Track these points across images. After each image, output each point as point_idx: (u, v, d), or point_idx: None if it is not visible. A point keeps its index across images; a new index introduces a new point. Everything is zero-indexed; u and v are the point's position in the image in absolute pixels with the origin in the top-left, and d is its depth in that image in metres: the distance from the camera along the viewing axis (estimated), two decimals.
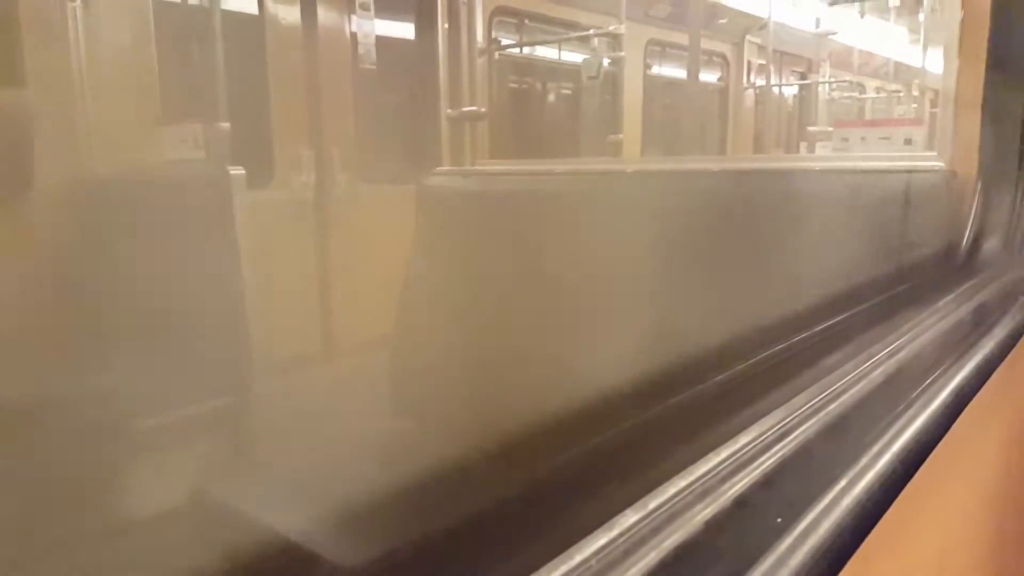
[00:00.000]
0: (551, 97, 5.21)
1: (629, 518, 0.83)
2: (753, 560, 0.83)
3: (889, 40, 6.90)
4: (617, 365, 1.07)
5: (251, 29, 3.29)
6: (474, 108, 2.48)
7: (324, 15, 3.51)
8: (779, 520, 0.89)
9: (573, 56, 4.95)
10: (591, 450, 0.94)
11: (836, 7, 5.66)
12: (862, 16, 6.03)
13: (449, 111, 2.54)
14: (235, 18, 3.14)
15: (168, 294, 1.48)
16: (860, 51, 6.97)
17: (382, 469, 0.93)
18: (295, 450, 1.21)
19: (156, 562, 0.82)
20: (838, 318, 1.39)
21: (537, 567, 0.74)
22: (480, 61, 3.77)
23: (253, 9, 3.32)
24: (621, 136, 4.47)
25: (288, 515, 0.88)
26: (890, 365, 1.23)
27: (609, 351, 1.09)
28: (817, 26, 5.75)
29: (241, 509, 0.90)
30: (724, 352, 1.19)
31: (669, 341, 1.14)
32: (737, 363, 1.19)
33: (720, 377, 1.15)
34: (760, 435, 1.03)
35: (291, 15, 3.43)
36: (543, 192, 1.60)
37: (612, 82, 4.65)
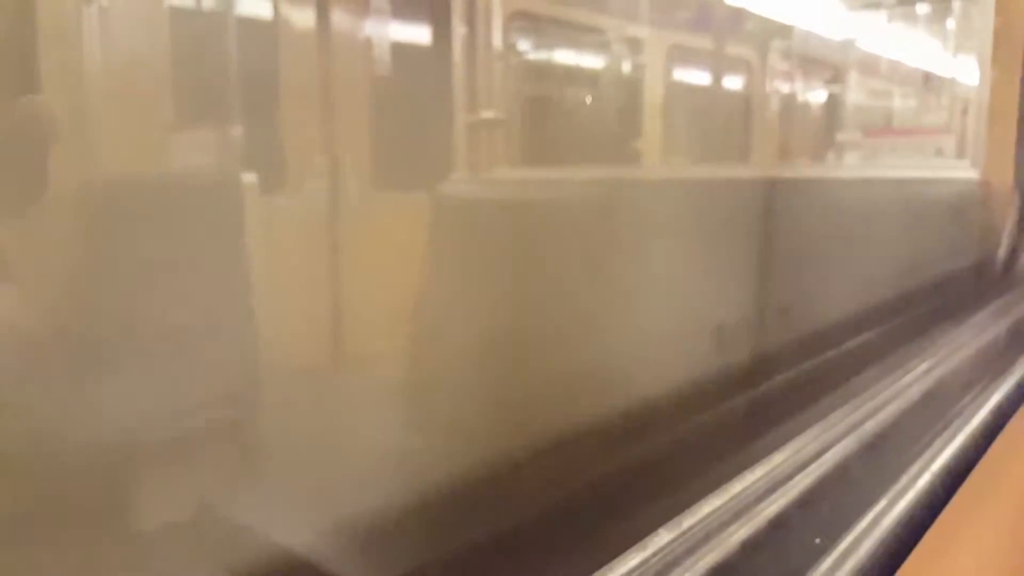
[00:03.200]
0: (570, 103, 5.19)
1: (663, 537, 0.81)
2: None
3: (917, 47, 6.83)
4: (645, 379, 1.04)
5: (265, 34, 3.29)
6: (492, 114, 2.46)
7: (338, 20, 3.51)
8: (818, 541, 0.87)
9: (593, 61, 4.92)
10: (621, 467, 0.91)
11: (863, 12, 5.61)
12: (889, 22, 5.98)
13: (466, 117, 2.51)
14: (249, 24, 3.15)
15: (183, 297, 1.47)
16: (888, 59, 6.91)
17: (410, 485, 0.90)
18: (320, 462, 1.19)
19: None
20: (871, 332, 1.36)
21: None
22: (498, 66, 3.77)
23: (268, 14, 3.32)
24: (641, 143, 4.44)
25: (316, 531, 0.86)
26: (926, 382, 1.20)
27: (635, 365, 1.06)
28: (842, 33, 5.71)
29: (289, 522, 0.88)
30: (755, 366, 1.16)
31: (697, 355, 1.11)
32: (769, 378, 1.16)
33: (752, 392, 1.13)
34: (795, 453, 1.00)
35: (305, 20, 3.43)
36: (562, 199, 1.58)
37: (633, 88, 4.62)
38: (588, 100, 4.99)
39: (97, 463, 0.95)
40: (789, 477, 0.96)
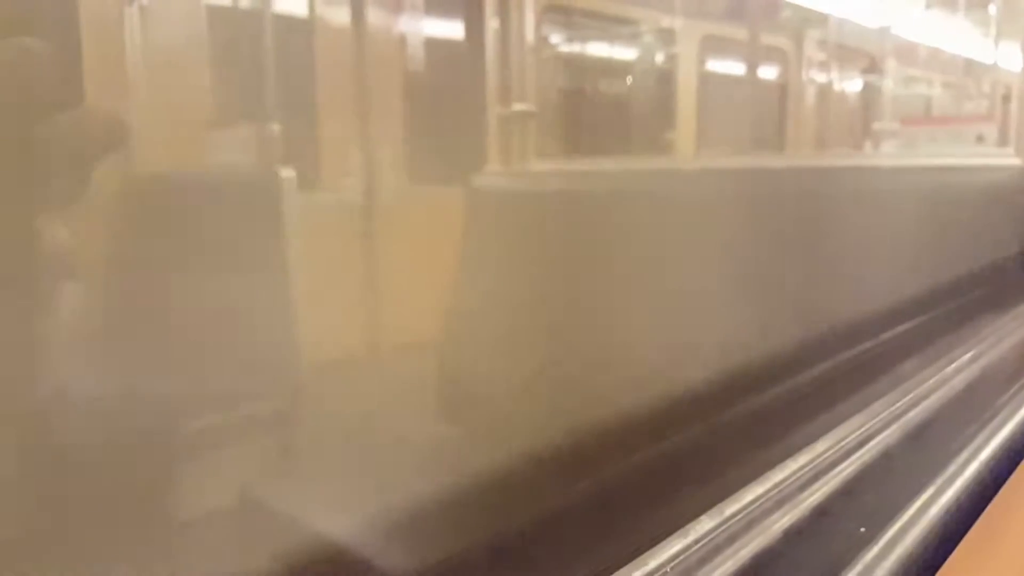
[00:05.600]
0: (603, 94, 5.17)
1: (705, 524, 0.80)
2: (836, 572, 0.79)
3: (957, 33, 6.69)
4: (687, 367, 1.04)
5: (301, 31, 3.33)
6: (524, 107, 2.46)
7: (373, 16, 3.53)
8: (862, 530, 0.86)
9: (626, 52, 4.89)
10: (664, 453, 0.91)
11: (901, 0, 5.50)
12: (927, 8, 5.84)
13: (500, 110, 2.51)
14: (285, 20, 3.18)
15: (226, 291, 1.49)
16: (926, 45, 6.77)
17: (450, 471, 0.91)
18: (360, 451, 1.21)
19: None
20: (914, 321, 1.34)
21: (611, 571, 0.72)
22: (530, 59, 3.77)
23: (303, 12, 3.36)
24: (675, 134, 4.41)
25: (360, 517, 0.87)
26: (972, 371, 1.18)
27: (677, 353, 1.06)
28: (879, 20, 5.61)
29: (325, 511, 0.90)
30: (796, 355, 1.15)
31: (737, 344, 1.10)
32: (811, 366, 1.15)
33: (794, 381, 1.12)
34: (839, 441, 0.99)
35: (340, 17, 3.45)
36: (597, 191, 1.57)
37: (666, 79, 4.59)
38: (621, 91, 4.97)
39: (151, 452, 0.97)
40: (833, 466, 0.95)
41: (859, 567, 0.79)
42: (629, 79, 4.94)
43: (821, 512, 0.88)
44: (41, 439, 0.73)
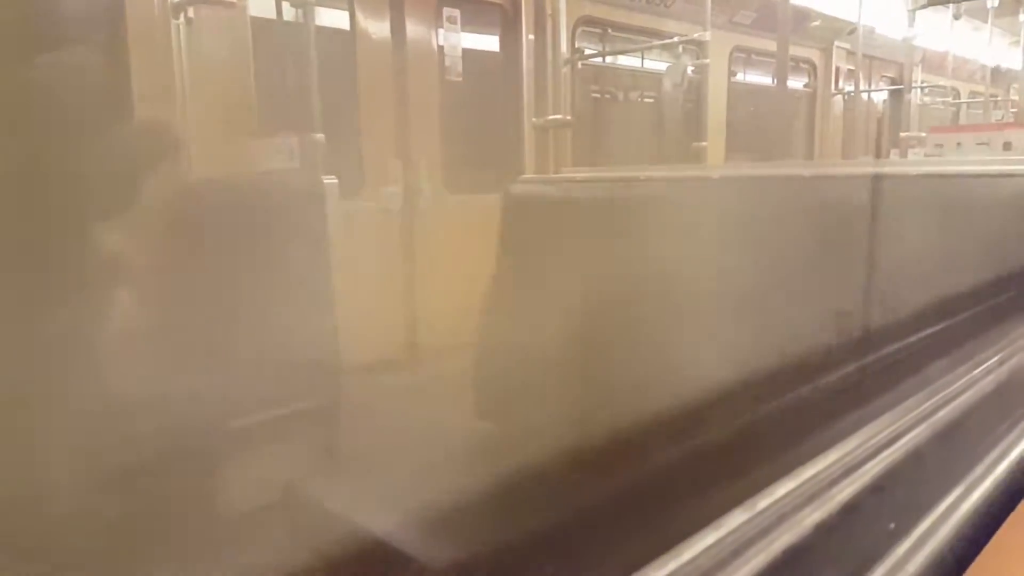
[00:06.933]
0: (634, 105, 5.20)
1: (738, 517, 0.82)
2: (866, 567, 0.81)
3: (985, 43, 6.63)
4: (717, 367, 1.06)
5: (343, 44, 3.40)
6: (559, 116, 2.50)
7: (412, 29, 3.60)
8: (892, 526, 0.87)
9: (657, 64, 4.94)
10: (696, 448, 0.94)
11: (927, 10, 5.46)
12: (956, 18, 5.79)
13: (535, 119, 2.56)
14: (328, 34, 3.25)
15: (274, 293, 1.54)
16: (954, 55, 6.72)
17: (488, 466, 0.94)
18: (402, 449, 1.25)
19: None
20: (943, 323, 1.35)
21: (647, 562, 0.74)
22: (564, 71, 3.81)
23: (344, 25, 3.44)
24: (705, 144, 4.43)
25: (406, 512, 0.90)
26: (1001, 373, 1.19)
27: (708, 352, 1.08)
28: (907, 29, 5.57)
29: (364, 505, 0.93)
30: (826, 356, 1.17)
31: (769, 343, 1.12)
32: (840, 367, 1.16)
33: (823, 380, 1.14)
34: (869, 439, 1.00)
35: (381, 30, 3.53)
36: (632, 198, 1.60)
37: (696, 89, 4.62)
38: (651, 101, 4.97)
39: (206, 446, 1.02)
40: (863, 463, 0.96)
41: (890, 562, 0.81)
42: (658, 89, 4.96)
43: (851, 508, 0.90)
44: (106, 438, 0.78)
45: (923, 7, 5.10)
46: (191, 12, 2.75)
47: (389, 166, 3.51)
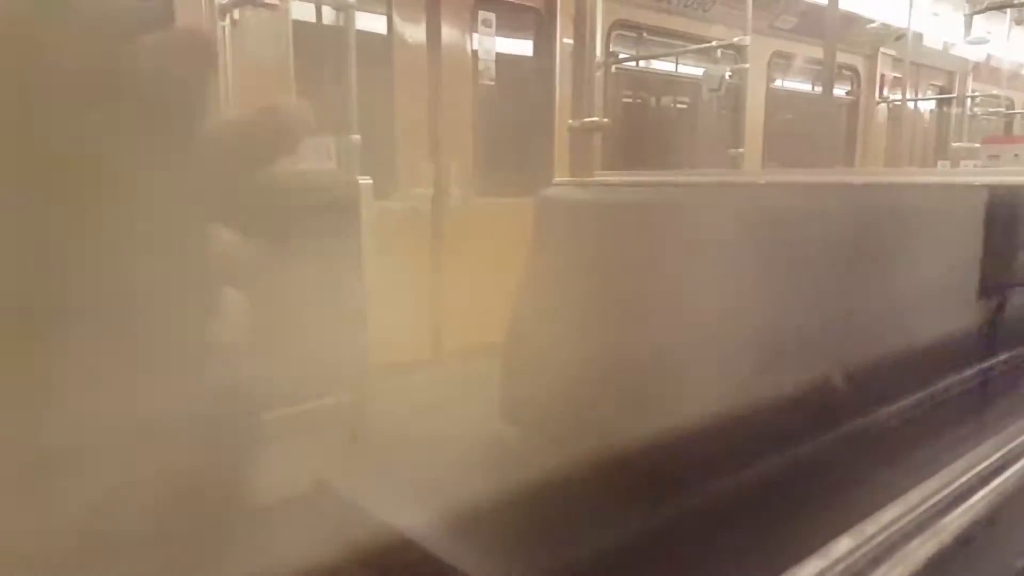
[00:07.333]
0: (667, 111, 5.16)
1: (844, 545, 0.73)
2: None
3: None
4: (785, 379, 1.00)
5: (380, 47, 3.44)
6: (595, 119, 2.51)
7: (448, 33, 3.63)
8: (1020, 564, 0.81)
9: (694, 69, 4.89)
10: (790, 466, 0.88)
11: (984, 16, 5.28)
12: (1018, 23, 5.58)
13: (571, 122, 2.58)
14: (366, 37, 3.29)
15: (307, 289, 1.56)
16: (1008, 63, 6.53)
17: (559, 483, 0.91)
18: (444, 454, 1.24)
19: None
20: None
21: None
22: (597, 75, 3.79)
23: (382, 28, 3.47)
24: (742, 151, 4.38)
25: (452, 525, 0.89)
26: None
27: (772, 363, 1.02)
28: (966, 35, 5.41)
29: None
30: (915, 371, 1.10)
31: (844, 356, 1.05)
32: (916, 389, 1.08)
33: (911, 400, 1.06)
34: (976, 464, 0.90)
35: (417, 34, 3.56)
36: (669, 203, 1.56)
37: (734, 95, 4.57)
38: (684, 107, 4.93)
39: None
40: (971, 491, 0.86)
41: None
42: (693, 94, 4.92)
43: (965, 540, 0.81)
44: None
45: (982, 11, 4.96)
46: (236, 14, 2.82)
47: (421, 168, 3.54)
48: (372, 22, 3.46)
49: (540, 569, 0.78)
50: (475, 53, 3.78)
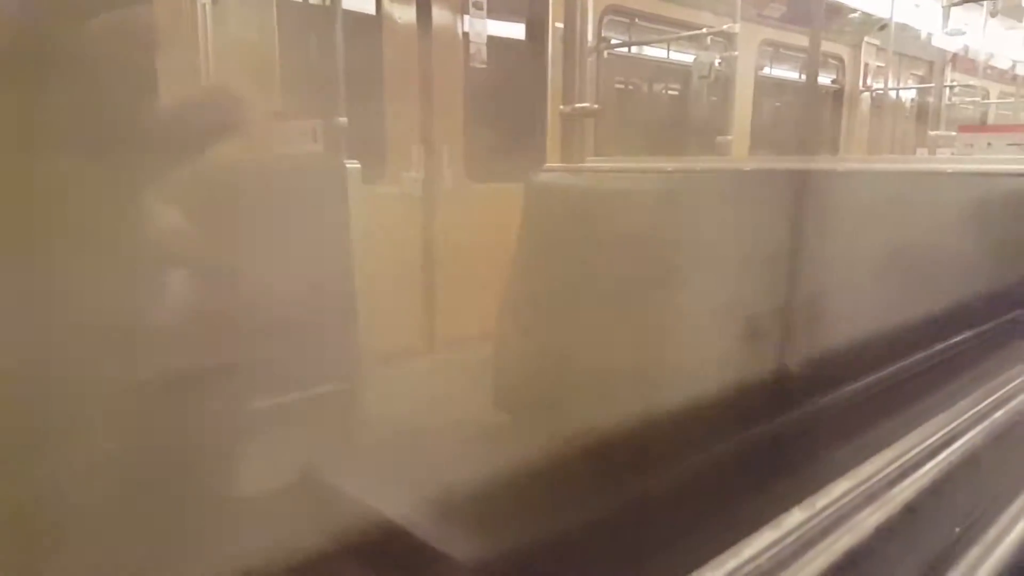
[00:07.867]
0: (659, 97, 5.15)
1: (796, 517, 0.79)
2: (934, 572, 0.78)
3: (1021, 42, 6.53)
4: (768, 359, 1.02)
5: (368, 28, 3.37)
6: (587, 105, 2.47)
7: (438, 15, 3.56)
8: (957, 530, 0.84)
9: (683, 56, 4.87)
10: (750, 444, 0.90)
11: (962, 8, 5.35)
12: (993, 15, 5.68)
13: (562, 107, 2.54)
14: (353, 18, 3.21)
15: (290, 276, 1.52)
16: (986, 54, 6.62)
17: (541, 460, 0.91)
18: (437, 436, 1.22)
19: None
20: (995, 321, 1.31)
21: (706, 561, 0.71)
22: (589, 60, 3.75)
23: (371, 9, 3.40)
24: (730, 138, 4.37)
25: (441, 507, 0.87)
26: None
27: (762, 347, 1.04)
28: (944, 26, 5.47)
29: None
30: (868, 352, 1.13)
31: (805, 337, 1.08)
32: (887, 364, 1.12)
33: (874, 376, 1.10)
34: (924, 439, 0.97)
35: (406, 14, 3.49)
36: (658, 189, 1.56)
37: (723, 82, 4.55)
38: (675, 93, 4.91)
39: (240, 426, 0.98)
40: (920, 464, 0.93)
41: (960, 569, 0.78)
42: (683, 81, 4.91)
43: (911, 510, 0.86)
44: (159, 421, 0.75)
45: (958, 4, 5.02)
46: None
47: (411, 152, 3.48)
48: (360, 2, 3.39)
49: (525, 551, 0.77)
50: (466, 35, 3.71)
